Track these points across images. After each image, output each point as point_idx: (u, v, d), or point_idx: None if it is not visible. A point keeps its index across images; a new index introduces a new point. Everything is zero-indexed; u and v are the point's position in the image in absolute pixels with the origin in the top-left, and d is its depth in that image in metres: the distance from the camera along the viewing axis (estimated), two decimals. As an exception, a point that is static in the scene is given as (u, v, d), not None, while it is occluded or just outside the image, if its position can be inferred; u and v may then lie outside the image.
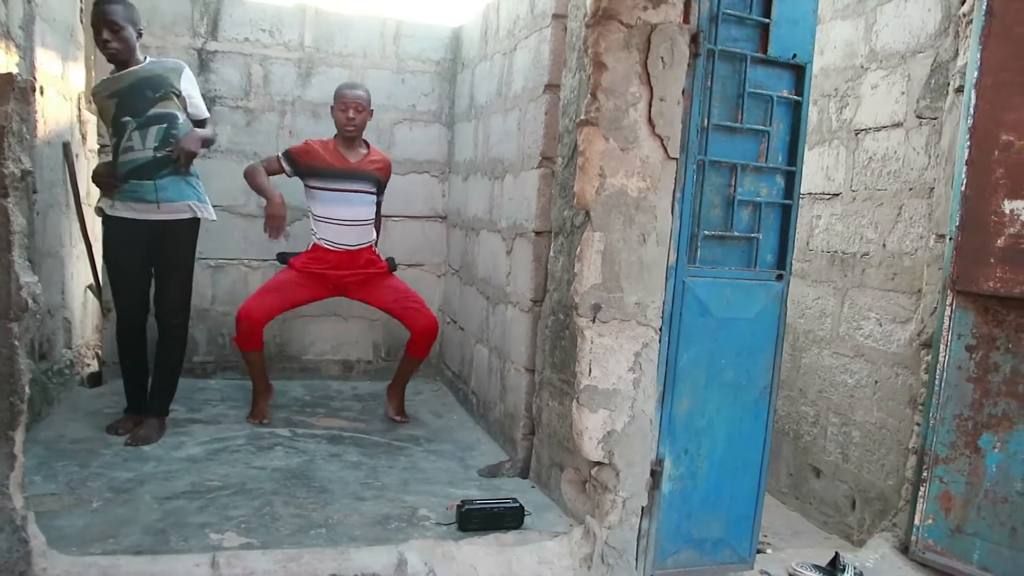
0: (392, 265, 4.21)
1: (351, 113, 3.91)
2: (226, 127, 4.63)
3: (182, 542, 2.52)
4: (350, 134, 3.97)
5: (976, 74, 2.80)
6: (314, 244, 4.05)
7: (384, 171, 4.15)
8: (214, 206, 4.05)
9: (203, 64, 4.59)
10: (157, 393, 3.67)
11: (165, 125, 3.42)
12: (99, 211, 3.54)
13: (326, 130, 4.67)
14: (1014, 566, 2.73)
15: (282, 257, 4.16)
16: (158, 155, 3.41)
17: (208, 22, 4.60)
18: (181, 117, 3.48)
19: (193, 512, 2.77)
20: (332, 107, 4.00)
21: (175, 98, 3.46)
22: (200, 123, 3.61)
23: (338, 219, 4.00)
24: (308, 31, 4.76)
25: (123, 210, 3.44)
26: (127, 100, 3.40)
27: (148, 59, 3.50)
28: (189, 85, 3.56)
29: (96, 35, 3.35)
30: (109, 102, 3.41)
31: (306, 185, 4.05)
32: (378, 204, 4.17)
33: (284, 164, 3.99)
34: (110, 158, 3.52)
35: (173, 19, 4.54)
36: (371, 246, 4.16)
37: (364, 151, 4.08)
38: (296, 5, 4.75)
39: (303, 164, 3.98)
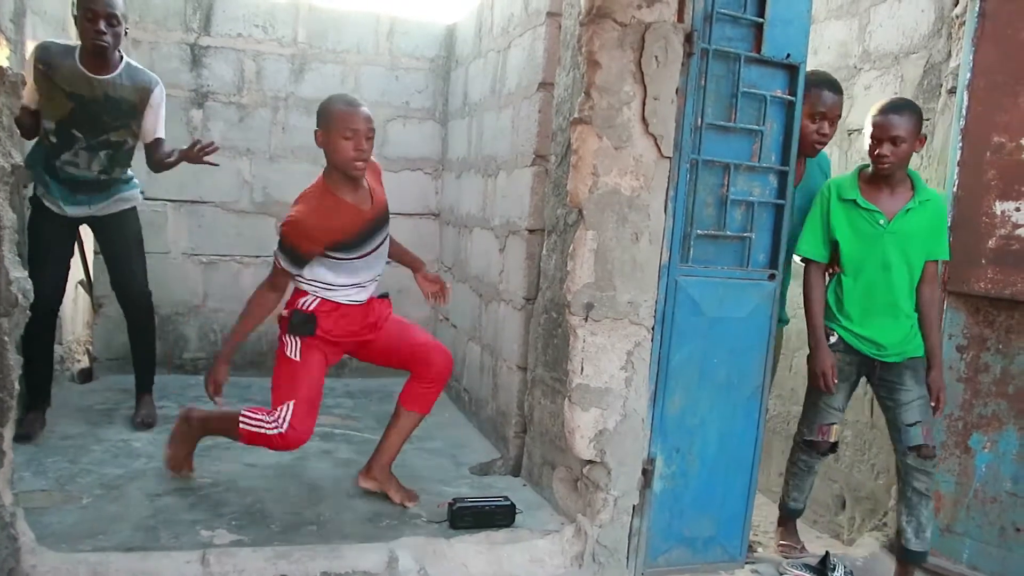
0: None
1: (364, 144, 2.71)
2: (218, 123, 4.61)
3: (173, 539, 2.51)
4: (359, 173, 2.77)
5: (969, 75, 2.82)
6: (321, 300, 2.83)
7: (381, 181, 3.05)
8: (206, 203, 4.03)
9: (195, 59, 4.57)
10: (148, 371, 3.72)
11: (112, 151, 3.37)
12: (31, 198, 3.39)
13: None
14: (1003, 565, 2.75)
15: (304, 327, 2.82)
16: (101, 178, 3.38)
17: (201, 17, 4.57)
18: (130, 143, 3.42)
19: (184, 509, 2.76)
20: (326, 132, 2.72)
21: (131, 128, 3.38)
22: (153, 144, 3.46)
23: (359, 283, 2.87)
24: (301, 27, 4.74)
25: (50, 202, 3.35)
26: (84, 116, 3.25)
27: (124, 62, 3.32)
28: (156, 109, 3.40)
29: (89, 22, 3.15)
30: (64, 99, 3.21)
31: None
32: None
33: (289, 267, 2.74)
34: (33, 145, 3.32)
35: (165, 13, 4.51)
36: None
37: (366, 182, 2.88)
38: (290, 1, 4.73)
39: (311, 252, 2.73)
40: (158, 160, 3.48)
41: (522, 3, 3.69)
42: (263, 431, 2.73)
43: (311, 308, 2.80)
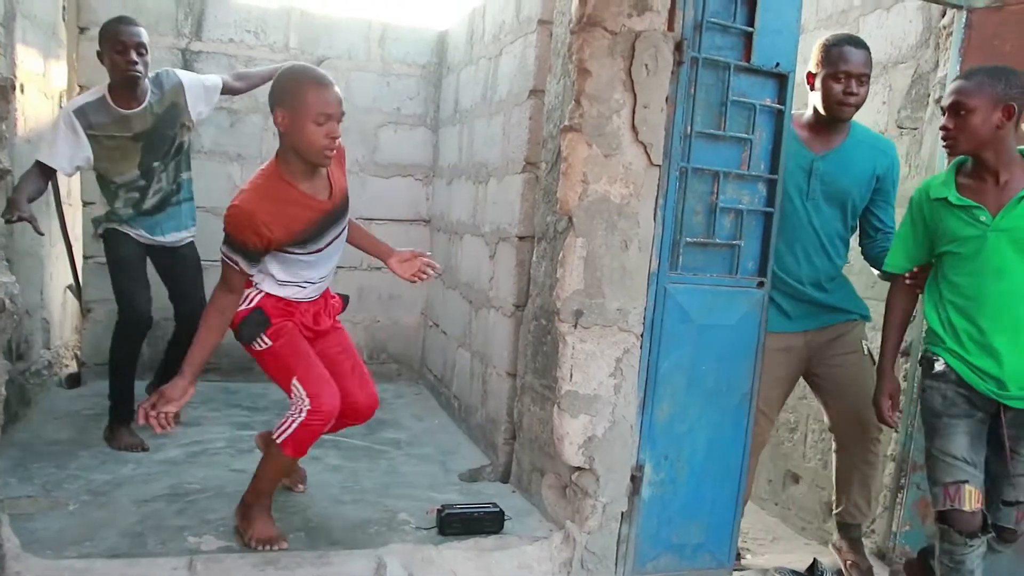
0: (346, 303, 2.95)
1: (337, 130, 2.42)
2: (209, 128, 4.61)
3: (159, 545, 2.50)
4: (328, 162, 2.49)
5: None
6: (265, 294, 2.61)
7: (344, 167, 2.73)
8: (197, 207, 4.01)
9: (187, 64, 4.56)
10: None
11: (180, 157, 3.52)
12: (103, 231, 3.49)
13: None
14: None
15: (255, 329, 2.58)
16: (172, 186, 3.50)
17: (192, 22, 4.57)
18: (189, 136, 3.56)
19: (171, 515, 2.75)
20: (291, 114, 2.40)
21: (185, 123, 3.48)
22: (227, 88, 3.59)
23: (310, 280, 2.67)
24: (293, 33, 4.75)
25: (129, 231, 3.47)
26: (154, 144, 3.37)
27: (147, 79, 3.37)
28: (194, 87, 3.47)
29: (119, 54, 3.17)
30: (132, 144, 3.31)
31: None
32: None
33: (245, 267, 2.46)
34: (116, 198, 3.41)
35: (157, 18, 4.50)
36: None
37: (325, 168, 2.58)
38: (281, 7, 4.74)
39: (260, 248, 2.44)
40: (251, 83, 3.62)
41: (514, 11, 3.71)
42: (296, 423, 2.47)
43: (255, 302, 2.57)
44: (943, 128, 2.28)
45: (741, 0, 2.55)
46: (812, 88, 2.70)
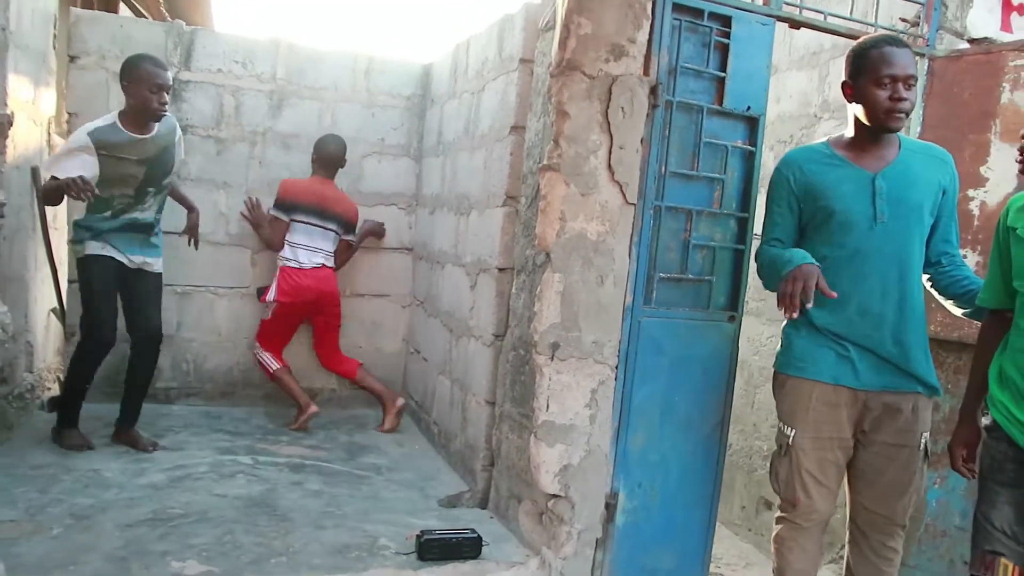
0: None
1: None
2: (196, 156, 4.66)
3: (143, 570, 2.54)
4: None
5: (919, 129, 2.97)
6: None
7: None
8: (183, 234, 4.09)
9: (175, 93, 4.61)
10: (137, 406, 3.88)
11: (166, 192, 3.81)
12: (82, 257, 3.66)
13: (296, 161, 4.77)
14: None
15: None
16: (155, 218, 3.76)
17: (181, 52, 4.65)
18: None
19: (154, 540, 2.78)
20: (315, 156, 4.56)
21: (173, 167, 3.82)
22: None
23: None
24: (281, 64, 4.82)
25: (110, 251, 3.64)
26: (155, 171, 3.67)
27: None
28: (180, 143, 3.85)
29: (153, 94, 3.52)
30: (136, 167, 3.60)
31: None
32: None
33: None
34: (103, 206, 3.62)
35: (146, 48, 4.54)
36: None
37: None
38: (269, 38, 4.82)
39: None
40: (177, 197, 4.01)
41: (496, 48, 3.81)
42: None
43: None
44: None
45: (714, 47, 2.67)
46: (851, 100, 2.38)
